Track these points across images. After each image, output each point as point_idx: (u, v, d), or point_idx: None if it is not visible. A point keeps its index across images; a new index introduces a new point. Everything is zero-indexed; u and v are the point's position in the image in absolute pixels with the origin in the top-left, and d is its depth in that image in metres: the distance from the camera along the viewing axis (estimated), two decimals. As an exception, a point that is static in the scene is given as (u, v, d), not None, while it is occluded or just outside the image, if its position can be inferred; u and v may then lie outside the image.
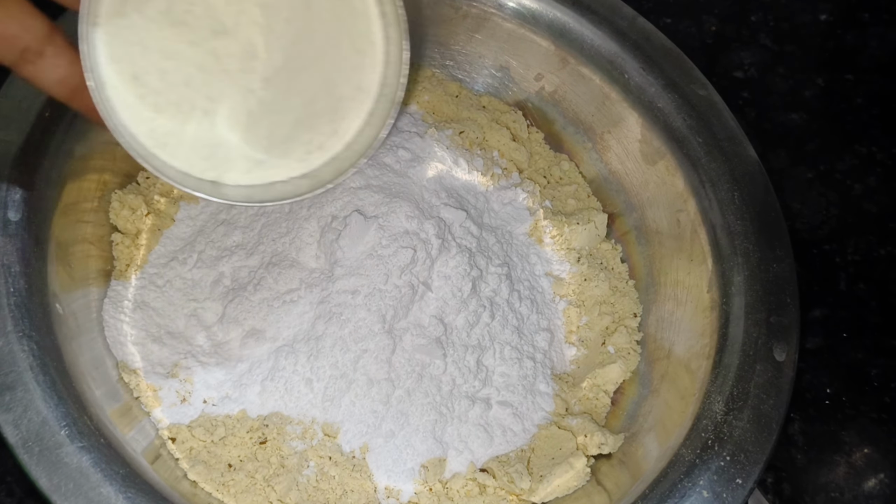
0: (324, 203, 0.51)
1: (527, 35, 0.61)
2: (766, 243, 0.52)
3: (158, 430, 0.47)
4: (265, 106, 0.39)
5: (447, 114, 0.62)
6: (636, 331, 0.56)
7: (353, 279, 0.49)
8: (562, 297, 0.57)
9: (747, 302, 0.50)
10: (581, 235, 0.59)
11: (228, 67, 0.38)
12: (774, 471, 0.56)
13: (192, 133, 0.38)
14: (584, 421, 0.51)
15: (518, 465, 0.49)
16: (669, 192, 0.57)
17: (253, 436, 0.47)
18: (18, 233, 0.43)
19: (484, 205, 0.58)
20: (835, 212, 0.68)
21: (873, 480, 0.56)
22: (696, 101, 0.57)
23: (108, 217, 0.52)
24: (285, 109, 0.39)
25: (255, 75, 0.38)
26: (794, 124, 0.73)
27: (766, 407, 0.46)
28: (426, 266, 0.50)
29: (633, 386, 0.55)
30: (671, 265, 0.56)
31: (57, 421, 0.39)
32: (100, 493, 0.38)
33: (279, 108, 0.39)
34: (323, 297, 0.49)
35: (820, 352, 0.61)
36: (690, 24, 0.77)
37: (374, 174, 0.53)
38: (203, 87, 0.37)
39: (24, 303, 0.41)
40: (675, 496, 0.43)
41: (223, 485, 0.45)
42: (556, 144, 0.64)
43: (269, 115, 0.39)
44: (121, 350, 0.48)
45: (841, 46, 0.78)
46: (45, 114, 0.46)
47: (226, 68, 0.38)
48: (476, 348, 0.51)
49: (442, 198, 0.54)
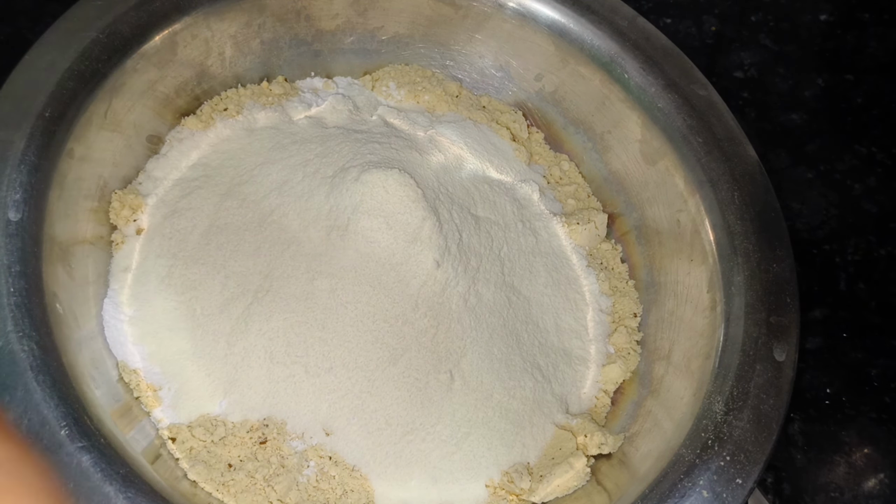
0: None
1: (527, 35, 0.61)
2: (767, 243, 0.52)
3: (158, 430, 0.47)
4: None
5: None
6: (636, 331, 0.56)
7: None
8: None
9: (747, 302, 0.50)
10: (581, 235, 0.59)
11: None
12: (774, 471, 0.56)
13: None
14: (584, 421, 0.51)
15: (518, 465, 0.49)
16: (669, 192, 0.57)
17: (253, 436, 0.47)
18: (18, 233, 0.43)
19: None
20: (835, 212, 0.68)
21: (873, 480, 0.56)
22: (696, 101, 0.57)
23: (108, 217, 0.52)
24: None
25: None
26: (794, 124, 0.73)
27: (766, 407, 0.46)
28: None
29: (633, 386, 0.55)
30: (671, 265, 0.56)
31: (57, 421, 0.39)
32: (100, 494, 0.38)
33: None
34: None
35: (820, 352, 0.61)
36: (690, 24, 0.77)
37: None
38: None
39: (24, 303, 0.41)
40: (675, 496, 0.43)
41: (223, 485, 0.45)
42: (557, 144, 0.64)
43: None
44: (121, 350, 0.48)
45: (841, 46, 0.78)
46: (45, 114, 0.46)
47: None
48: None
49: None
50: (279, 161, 0.54)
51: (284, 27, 0.59)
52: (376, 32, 0.63)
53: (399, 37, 0.63)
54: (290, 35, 0.60)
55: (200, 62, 0.56)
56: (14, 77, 0.47)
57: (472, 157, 0.59)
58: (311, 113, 0.59)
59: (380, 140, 0.56)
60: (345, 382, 0.48)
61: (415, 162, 0.55)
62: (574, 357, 0.55)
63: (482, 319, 0.52)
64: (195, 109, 0.57)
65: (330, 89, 0.62)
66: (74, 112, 0.48)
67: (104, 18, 0.50)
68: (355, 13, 0.61)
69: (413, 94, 0.63)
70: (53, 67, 0.48)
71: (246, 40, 0.58)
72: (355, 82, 0.63)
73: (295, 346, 0.48)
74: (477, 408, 0.50)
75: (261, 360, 0.48)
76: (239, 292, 0.50)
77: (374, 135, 0.57)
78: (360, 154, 0.53)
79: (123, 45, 0.51)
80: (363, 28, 0.62)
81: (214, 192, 0.53)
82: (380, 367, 0.48)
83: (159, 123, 0.55)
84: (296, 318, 0.49)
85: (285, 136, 0.57)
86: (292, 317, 0.49)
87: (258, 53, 0.59)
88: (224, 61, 0.58)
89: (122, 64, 0.51)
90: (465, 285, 0.51)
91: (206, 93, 0.58)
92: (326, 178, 0.52)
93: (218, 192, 0.53)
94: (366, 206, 0.50)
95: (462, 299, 0.51)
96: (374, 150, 0.54)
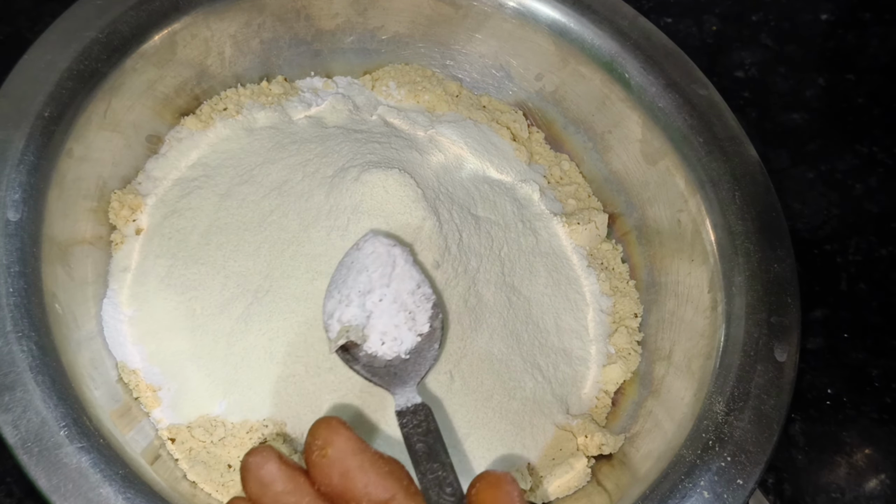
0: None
1: (527, 34, 0.61)
2: (767, 243, 0.52)
3: (158, 431, 0.47)
4: None
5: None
6: (637, 331, 0.56)
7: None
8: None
9: (748, 302, 0.49)
10: (581, 235, 0.59)
11: None
12: (775, 471, 0.56)
13: None
14: (585, 421, 0.51)
15: (518, 465, 0.49)
16: (670, 192, 0.57)
17: (253, 436, 0.47)
18: (18, 233, 0.43)
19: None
20: (836, 212, 0.68)
21: (874, 481, 0.56)
22: (696, 101, 0.57)
23: (108, 217, 0.52)
24: None
25: None
26: (795, 124, 0.73)
27: (766, 407, 0.46)
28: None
29: (634, 386, 0.55)
30: (672, 265, 0.56)
31: (56, 421, 0.39)
32: (99, 494, 0.38)
33: None
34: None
35: (821, 352, 0.61)
36: (691, 23, 0.77)
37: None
38: None
39: (24, 303, 0.41)
40: (676, 497, 0.43)
41: (223, 485, 0.45)
42: (557, 144, 0.64)
43: None
44: (120, 350, 0.48)
45: (842, 46, 0.78)
46: (45, 113, 0.46)
47: None
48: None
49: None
50: (279, 161, 0.54)
51: (284, 27, 0.59)
52: (376, 32, 0.63)
53: (399, 36, 0.63)
54: (289, 34, 0.60)
55: (200, 62, 0.56)
56: (13, 77, 0.47)
57: (472, 156, 0.59)
58: (311, 113, 0.59)
59: (380, 140, 0.56)
60: (345, 382, 0.48)
61: (415, 162, 0.55)
62: (574, 357, 0.55)
63: (482, 320, 0.51)
64: (195, 109, 0.57)
65: (330, 89, 0.62)
66: (74, 112, 0.47)
67: (103, 18, 0.50)
68: (355, 12, 0.61)
69: (413, 94, 0.63)
70: (53, 67, 0.47)
71: (245, 40, 0.58)
72: (355, 82, 0.63)
73: (295, 345, 0.48)
74: (477, 408, 0.50)
75: (261, 360, 0.48)
76: (239, 292, 0.50)
77: (374, 135, 0.57)
78: (359, 154, 0.53)
79: (123, 45, 0.51)
80: (363, 27, 0.62)
81: (214, 191, 0.53)
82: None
83: (159, 123, 0.55)
84: (296, 318, 0.49)
85: (285, 135, 0.57)
86: (292, 317, 0.49)
87: (258, 53, 0.59)
88: (224, 61, 0.58)
89: (122, 63, 0.50)
90: (465, 286, 0.51)
91: (206, 92, 0.58)
92: (326, 178, 0.52)
93: (218, 192, 0.53)
94: (366, 206, 0.50)
95: (462, 300, 0.51)
96: (374, 149, 0.54)
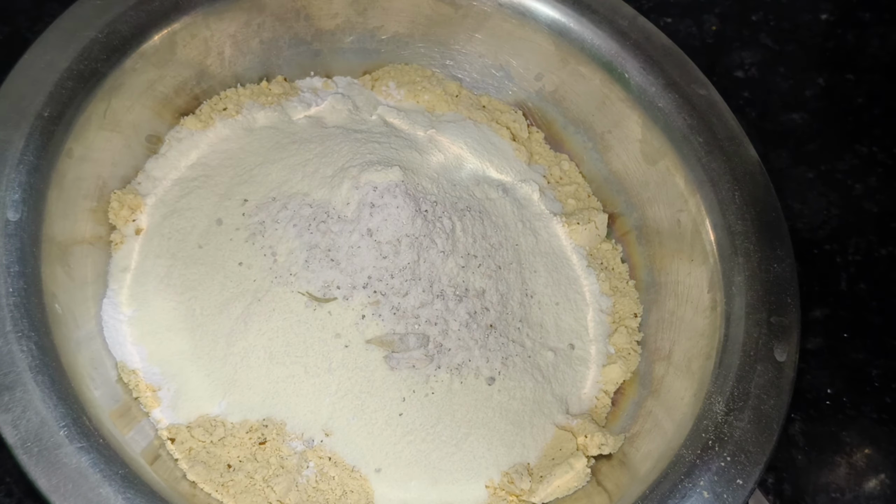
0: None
1: (527, 34, 0.61)
2: (767, 243, 0.52)
3: (157, 431, 0.47)
4: None
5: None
6: (636, 331, 0.56)
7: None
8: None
9: (748, 302, 0.49)
10: (581, 235, 0.59)
11: None
12: (775, 471, 0.56)
13: None
14: (585, 421, 0.51)
15: (518, 465, 0.49)
16: (670, 192, 0.57)
17: (252, 436, 0.47)
18: (18, 233, 0.43)
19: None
20: (835, 212, 0.68)
21: (874, 481, 0.56)
22: (696, 101, 0.57)
23: (107, 217, 0.52)
24: None
25: None
26: (794, 124, 0.73)
27: (766, 407, 0.46)
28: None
29: (634, 386, 0.55)
30: (672, 265, 0.56)
31: (56, 421, 0.39)
32: (99, 494, 0.38)
33: None
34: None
35: (821, 352, 0.61)
36: (691, 23, 0.77)
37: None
38: None
39: (23, 303, 0.41)
40: (676, 497, 0.43)
41: (222, 485, 0.45)
42: (557, 144, 0.64)
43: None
44: (120, 350, 0.48)
45: (842, 46, 0.78)
46: (44, 113, 0.46)
47: None
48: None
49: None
50: (279, 161, 0.54)
51: (284, 26, 0.59)
52: (376, 32, 0.62)
53: (399, 36, 0.63)
54: (289, 34, 0.60)
55: (200, 62, 0.56)
56: (13, 77, 0.47)
57: (472, 156, 0.59)
58: (311, 112, 0.59)
59: (379, 140, 0.56)
60: (345, 383, 0.48)
61: (414, 161, 0.55)
62: (574, 357, 0.55)
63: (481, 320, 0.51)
64: (194, 109, 0.57)
65: (329, 89, 0.62)
66: (73, 112, 0.47)
67: (103, 18, 0.50)
68: (355, 12, 0.61)
69: (413, 94, 0.63)
70: (52, 67, 0.47)
71: (245, 40, 0.58)
72: (355, 82, 0.63)
73: (295, 346, 0.48)
74: (477, 408, 0.50)
75: (260, 360, 0.48)
76: (238, 292, 0.50)
77: (374, 134, 0.57)
78: (359, 154, 0.53)
79: (122, 45, 0.51)
80: (363, 27, 0.62)
81: (214, 191, 0.53)
82: (380, 368, 0.48)
83: (158, 123, 0.55)
84: (295, 318, 0.49)
85: (285, 135, 0.57)
86: (292, 317, 0.49)
87: (257, 53, 0.59)
88: (223, 61, 0.58)
89: (121, 63, 0.50)
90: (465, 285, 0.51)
91: (206, 92, 0.58)
92: (326, 178, 0.52)
93: (217, 192, 0.53)
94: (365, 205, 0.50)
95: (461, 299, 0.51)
96: (373, 149, 0.54)
